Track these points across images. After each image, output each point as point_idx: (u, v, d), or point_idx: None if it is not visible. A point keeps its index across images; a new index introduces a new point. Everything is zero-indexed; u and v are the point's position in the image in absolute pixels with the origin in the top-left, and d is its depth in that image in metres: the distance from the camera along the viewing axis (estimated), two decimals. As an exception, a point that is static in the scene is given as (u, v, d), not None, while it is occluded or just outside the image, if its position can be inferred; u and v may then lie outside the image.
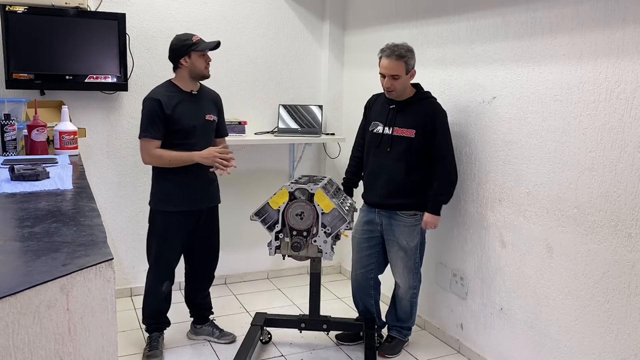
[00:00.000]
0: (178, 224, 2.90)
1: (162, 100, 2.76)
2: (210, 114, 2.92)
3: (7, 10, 3.06)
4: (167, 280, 2.97)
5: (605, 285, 2.30)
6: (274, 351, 3.10)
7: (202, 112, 2.89)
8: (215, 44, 2.82)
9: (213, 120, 2.94)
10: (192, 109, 2.85)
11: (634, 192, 2.17)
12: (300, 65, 4.13)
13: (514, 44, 2.67)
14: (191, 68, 2.81)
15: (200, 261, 3.09)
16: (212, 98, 3.00)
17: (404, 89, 2.84)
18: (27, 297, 1.04)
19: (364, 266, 3.08)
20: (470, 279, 3.03)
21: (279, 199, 2.71)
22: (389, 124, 2.89)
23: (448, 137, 2.85)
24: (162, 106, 2.75)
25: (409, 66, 2.78)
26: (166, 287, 2.97)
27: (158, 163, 2.82)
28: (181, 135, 2.81)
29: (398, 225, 2.91)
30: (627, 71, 2.17)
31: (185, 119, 2.81)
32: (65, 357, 1.12)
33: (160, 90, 2.83)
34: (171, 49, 2.84)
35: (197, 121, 2.85)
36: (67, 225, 1.49)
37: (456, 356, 3.11)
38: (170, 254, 2.95)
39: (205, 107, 2.92)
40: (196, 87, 2.90)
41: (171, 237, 2.91)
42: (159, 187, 2.90)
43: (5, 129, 2.72)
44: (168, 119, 2.77)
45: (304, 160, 4.23)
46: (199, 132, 2.86)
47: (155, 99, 2.76)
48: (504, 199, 2.78)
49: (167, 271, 2.96)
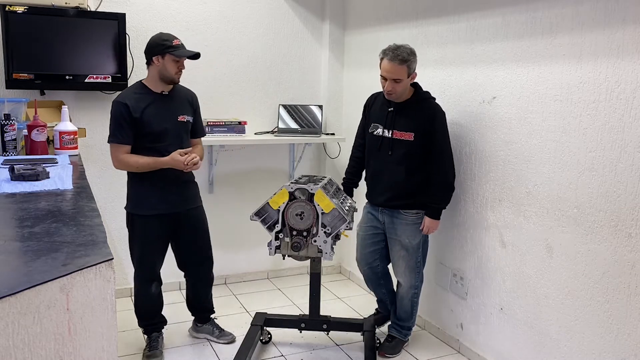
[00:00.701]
0: (156, 227, 2.85)
1: (129, 103, 2.70)
2: (183, 114, 2.84)
3: (7, 10, 3.06)
4: (155, 282, 2.96)
5: (605, 285, 2.30)
6: (274, 351, 3.10)
7: (174, 113, 2.82)
8: (194, 54, 2.75)
9: (187, 121, 2.86)
10: (162, 111, 2.78)
11: (634, 192, 2.17)
12: (300, 65, 4.13)
13: (514, 44, 2.67)
14: (161, 69, 2.73)
15: (193, 266, 3.06)
16: (186, 98, 2.91)
17: (404, 91, 2.84)
18: (27, 297, 1.04)
19: (369, 262, 3.11)
20: (470, 279, 3.03)
21: (279, 199, 2.71)
22: (388, 127, 2.88)
23: (446, 139, 2.84)
24: (129, 110, 2.69)
25: (411, 70, 2.77)
26: (155, 289, 2.96)
27: (126, 168, 2.79)
28: (151, 138, 2.75)
29: (400, 224, 2.91)
30: (627, 71, 2.17)
31: (154, 122, 2.74)
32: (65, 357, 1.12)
33: (128, 93, 2.77)
34: (148, 44, 2.77)
35: (168, 123, 2.78)
36: (67, 225, 1.49)
37: (456, 356, 3.11)
38: (152, 257, 2.92)
39: (178, 108, 2.84)
40: (168, 88, 2.81)
41: (151, 240, 2.87)
42: (133, 191, 2.86)
43: (5, 129, 2.72)
44: (136, 122, 2.71)
45: (304, 160, 4.23)
46: (171, 134, 2.79)
47: (122, 103, 2.70)
48: (504, 199, 2.78)
49: (152, 273, 2.94)
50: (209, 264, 3.10)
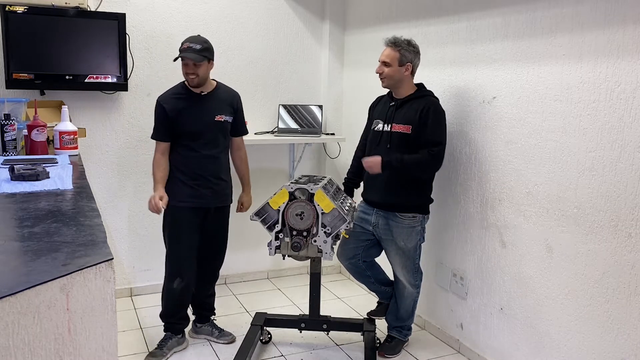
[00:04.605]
0: (186, 219, 2.93)
1: (165, 105, 2.86)
2: (221, 114, 2.93)
3: (7, 10, 3.06)
4: (178, 278, 2.97)
5: (605, 285, 2.30)
6: (274, 351, 3.10)
7: (212, 113, 2.91)
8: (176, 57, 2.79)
9: (224, 120, 2.95)
10: (199, 111, 2.88)
11: (634, 192, 2.17)
12: (300, 65, 4.13)
13: (514, 44, 2.67)
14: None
15: (205, 259, 3.09)
16: (227, 98, 3.00)
17: (396, 80, 2.84)
18: (27, 297, 1.04)
19: (348, 258, 3.10)
20: (470, 279, 3.03)
21: (279, 199, 2.71)
22: (388, 121, 2.89)
23: (438, 131, 2.79)
24: (165, 111, 2.86)
25: (404, 58, 2.79)
26: (177, 285, 2.97)
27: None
28: (188, 137, 2.89)
29: (396, 227, 2.91)
30: (627, 71, 2.17)
31: (190, 123, 2.86)
32: (65, 357, 1.12)
33: (167, 94, 2.93)
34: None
35: (204, 123, 2.88)
36: (67, 225, 1.49)
37: (456, 356, 3.11)
38: (178, 250, 2.96)
39: (216, 108, 2.93)
40: (207, 88, 2.92)
41: (179, 232, 2.94)
42: (171, 182, 2.94)
43: (5, 129, 2.72)
44: (172, 122, 2.86)
45: (304, 160, 4.23)
46: (207, 133, 2.90)
47: (160, 105, 2.88)
48: (504, 199, 2.78)
49: (177, 268, 2.97)
50: (219, 263, 3.17)
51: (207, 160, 2.91)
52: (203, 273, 3.12)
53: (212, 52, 2.85)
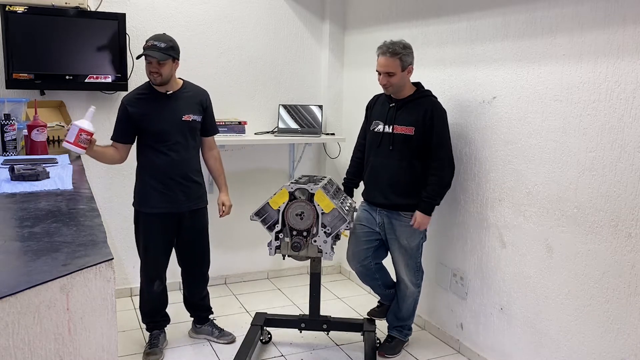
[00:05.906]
0: (159, 225, 2.88)
1: (128, 105, 2.80)
2: (189, 114, 2.84)
3: (7, 10, 3.06)
4: (157, 280, 2.96)
5: (605, 285, 2.30)
6: (274, 351, 3.10)
7: (178, 113, 2.82)
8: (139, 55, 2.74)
9: (192, 120, 2.86)
10: (164, 111, 2.80)
11: (634, 192, 2.17)
12: (300, 65, 4.13)
13: (514, 44, 2.67)
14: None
15: (190, 264, 3.07)
16: (195, 96, 2.91)
17: (401, 86, 2.83)
18: (27, 297, 1.04)
19: (360, 260, 3.07)
20: (470, 279, 3.03)
21: (279, 199, 2.71)
22: (389, 123, 2.88)
23: (445, 134, 2.82)
24: (126, 112, 2.79)
25: (405, 63, 2.77)
26: (157, 287, 2.97)
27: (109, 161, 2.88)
28: (153, 138, 2.81)
29: (400, 226, 2.91)
30: (627, 71, 2.17)
31: (154, 122, 2.79)
32: (65, 357, 1.12)
33: (132, 94, 2.87)
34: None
35: (169, 123, 2.80)
36: (67, 225, 1.49)
37: (456, 356, 3.11)
38: (154, 255, 2.94)
39: (183, 107, 2.84)
40: (173, 87, 2.83)
41: (154, 238, 2.90)
42: (139, 188, 2.90)
43: (5, 129, 2.72)
44: (135, 122, 2.80)
45: (304, 160, 4.23)
46: (174, 134, 2.81)
47: (123, 104, 2.82)
48: (504, 199, 2.78)
49: (155, 271, 2.96)
50: (205, 266, 3.11)
51: (176, 162, 2.82)
52: (192, 278, 3.10)
53: (177, 51, 2.78)
